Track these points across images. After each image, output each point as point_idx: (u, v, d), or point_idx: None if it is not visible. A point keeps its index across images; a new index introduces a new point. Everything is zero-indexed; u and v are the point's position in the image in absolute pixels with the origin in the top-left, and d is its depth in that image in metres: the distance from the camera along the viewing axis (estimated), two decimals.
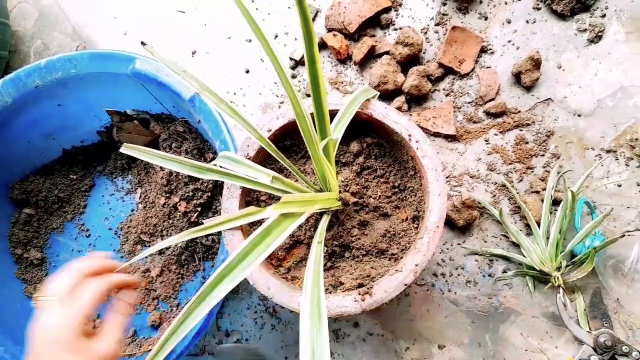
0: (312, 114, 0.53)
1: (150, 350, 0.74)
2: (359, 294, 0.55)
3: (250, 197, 0.65)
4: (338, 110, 0.60)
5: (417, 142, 0.59)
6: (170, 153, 0.69)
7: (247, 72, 0.93)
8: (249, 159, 0.62)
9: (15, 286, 0.81)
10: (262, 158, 0.66)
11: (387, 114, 0.61)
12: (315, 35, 0.46)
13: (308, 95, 0.87)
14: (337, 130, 0.56)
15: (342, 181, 0.64)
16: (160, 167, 0.80)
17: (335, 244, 0.62)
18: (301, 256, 0.64)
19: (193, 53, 0.95)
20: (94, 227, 0.86)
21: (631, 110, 0.81)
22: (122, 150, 0.55)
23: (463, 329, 0.77)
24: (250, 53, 0.93)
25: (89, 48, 0.98)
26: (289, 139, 0.67)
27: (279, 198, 0.65)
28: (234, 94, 0.92)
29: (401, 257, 0.60)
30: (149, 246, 0.80)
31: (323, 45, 0.91)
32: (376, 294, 0.54)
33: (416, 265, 0.55)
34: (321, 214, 0.62)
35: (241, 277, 0.41)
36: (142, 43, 0.59)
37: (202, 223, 0.78)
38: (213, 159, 0.68)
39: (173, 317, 0.77)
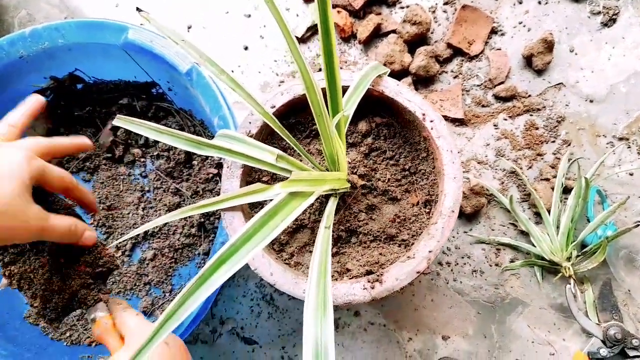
0: (322, 90, 0.49)
1: None
2: (368, 281, 0.51)
3: (251, 178, 0.61)
4: (348, 87, 0.56)
5: (431, 121, 0.56)
6: None
7: (246, 49, 0.88)
8: (250, 136, 0.58)
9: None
10: (265, 136, 0.62)
11: (400, 91, 0.57)
12: (330, 1, 0.42)
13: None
14: (348, 105, 0.53)
15: (350, 163, 0.60)
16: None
17: (341, 229, 0.59)
18: (305, 241, 0.60)
19: (189, 28, 0.90)
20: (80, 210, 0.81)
21: None
22: (115, 122, 0.51)
23: (468, 319, 0.74)
24: (249, 29, 0.89)
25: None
26: (293, 117, 0.63)
27: (282, 179, 0.61)
28: (232, 71, 0.87)
29: (412, 244, 0.57)
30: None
31: None
32: (387, 282, 0.51)
33: (430, 251, 0.51)
34: (327, 197, 0.58)
35: (245, 260, 0.37)
36: (138, 9, 0.55)
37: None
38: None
39: (166, 303, 0.73)
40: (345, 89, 0.55)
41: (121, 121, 0.51)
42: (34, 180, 0.43)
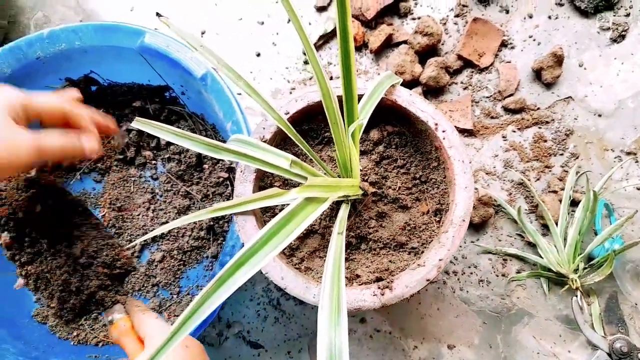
0: (338, 97, 0.50)
1: None
2: (379, 287, 0.52)
3: (264, 183, 0.62)
4: (362, 95, 0.57)
5: (443, 131, 0.56)
6: None
7: (258, 55, 0.89)
8: (264, 142, 0.58)
9: (6, 267, 0.76)
10: (278, 142, 0.62)
11: (413, 101, 0.58)
12: (349, 5, 0.42)
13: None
14: (363, 113, 0.53)
15: (361, 170, 0.61)
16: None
17: (351, 235, 0.59)
18: (315, 246, 0.60)
19: (202, 33, 0.91)
20: (92, 211, 0.82)
21: None
22: (133, 124, 0.52)
23: (474, 329, 0.75)
24: (261, 36, 0.90)
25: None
26: (306, 124, 0.64)
27: (295, 185, 0.62)
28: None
29: (422, 252, 0.57)
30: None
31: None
32: (397, 289, 0.52)
33: (440, 260, 0.52)
34: (338, 204, 0.59)
35: (263, 262, 0.38)
36: (158, 14, 0.56)
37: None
38: None
39: (174, 305, 0.73)
40: (359, 98, 0.56)
41: (139, 123, 0.52)
42: (14, 112, 0.41)
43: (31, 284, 0.46)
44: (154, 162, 0.80)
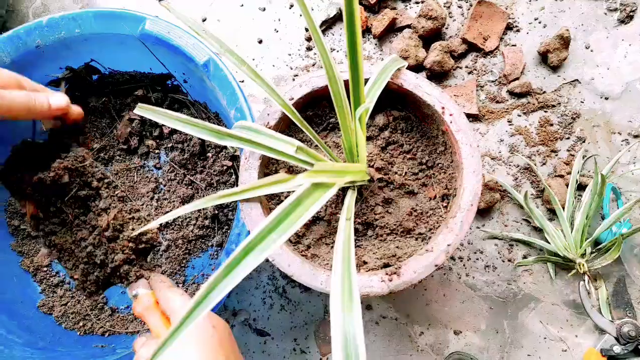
0: (344, 81, 0.49)
1: None
2: (386, 274, 0.51)
3: (268, 170, 0.61)
4: (367, 79, 0.56)
5: (450, 115, 0.56)
6: None
7: (260, 42, 0.88)
8: (269, 128, 0.58)
9: (12, 258, 0.76)
10: (283, 128, 0.62)
11: (419, 84, 0.57)
12: None
13: None
14: (369, 98, 0.52)
15: (367, 156, 0.60)
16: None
17: (358, 222, 0.59)
18: (321, 233, 0.60)
19: (203, 20, 0.90)
20: None
21: None
22: (135, 111, 0.51)
23: (480, 314, 0.74)
24: (263, 22, 0.89)
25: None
26: (310, 109, 0.63)
27: (300, 171, 0.62)
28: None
29: (429, 237, 0.57)
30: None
31: (340, 17, 0.87)
32: (404, 275, 0.51)
33: (448, 245, 0.51)
34: (344, 190, 0.58)
35: (273, 248, 0.37)
36: None
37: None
38: None
39: None
40: (365, 82, 0.55)
41: (142, 110, 0.51)
42: None
43: (55, 254, 0.46)
44: (157, 151, 0.79)
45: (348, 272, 0.40)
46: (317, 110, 0.63)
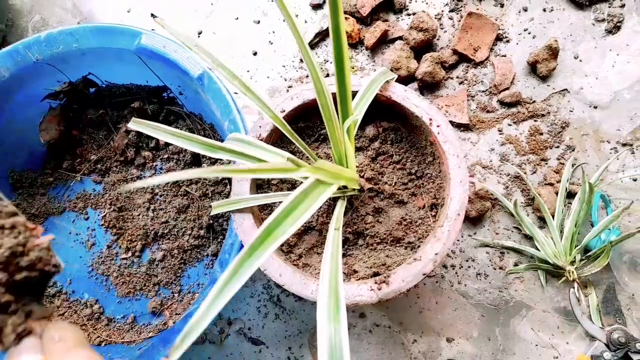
0: (332, 94, 0.50)
1: (150, 337, 0.71)
2: (375, 282, 0.52)
3: (261, 181, 0.62)
4: (356, 92, 0.57)
5: (438, 126, 0.57)
6: None
7: (255, 54, 0.90)
8: (261, 140, 0.59)
9: None
10: (274, 140, 0.63)
11: (407, 96, 0.58)
12: (341, 4, 0.43)
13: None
14: (357, 110, 0.54)
15: (357, 166, 0.62)
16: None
17: (348, 231, 0.60)
18: (312, 243, 0.61)
19: (199, 33, 0.92)
20: (92, 211, 0.83)
21: None
22: (130, 125, 0.52)
23: (472, 322, 0.75)
24: (258, 35, 0.90)
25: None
26: (302, 121, 0.64)
27: (292, 183, 0.63)
28: (241, 76, 0.89)
29: (418, 246, 0.58)
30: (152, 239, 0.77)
31: None
32: (393, 283, 0.52)
33: (436, 254, 0.52)
34: (334, 200, 0.59)
35: (283, 238, 0.37)
36: (152, 15, 0.56)
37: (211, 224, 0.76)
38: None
39: (175, 304, 0.74)
40: (354, 94, 0.56)
41: (136, 124, 0.52)
42: None
43: None
44: (153, 162, 0.81)
45: (335, 283, 0.41)
46: (308, 122, 0.65)
